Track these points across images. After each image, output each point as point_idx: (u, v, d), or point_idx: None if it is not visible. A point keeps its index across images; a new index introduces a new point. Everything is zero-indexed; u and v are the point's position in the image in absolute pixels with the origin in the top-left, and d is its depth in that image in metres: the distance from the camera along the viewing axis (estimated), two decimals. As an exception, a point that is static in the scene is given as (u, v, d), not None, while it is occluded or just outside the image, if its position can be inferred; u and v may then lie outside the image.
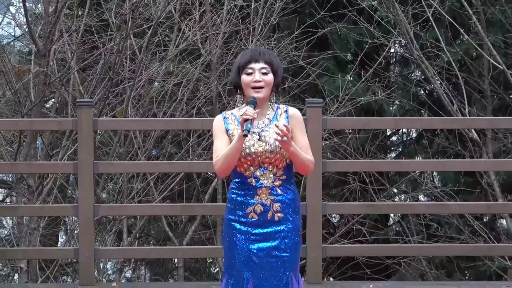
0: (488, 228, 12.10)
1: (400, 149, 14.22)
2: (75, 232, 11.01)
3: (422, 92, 13.78)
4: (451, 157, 12.72)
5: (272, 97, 5.15)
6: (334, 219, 13.66)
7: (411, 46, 11.77)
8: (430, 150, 12.95)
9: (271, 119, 5.10)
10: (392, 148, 14.45)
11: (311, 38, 12.13)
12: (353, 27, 12.46)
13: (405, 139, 14.27)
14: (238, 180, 5.09)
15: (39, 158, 11.04)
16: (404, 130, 14.08)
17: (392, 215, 13.81)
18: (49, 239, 12.40)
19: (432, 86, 12.31)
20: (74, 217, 10.80)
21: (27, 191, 10.53)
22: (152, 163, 10.20)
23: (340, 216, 13.25)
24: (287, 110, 5.13)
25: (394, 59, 14.14)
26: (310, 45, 12.13)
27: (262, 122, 5.09)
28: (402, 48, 13.37)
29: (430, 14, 11.72)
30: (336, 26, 12.39)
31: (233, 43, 11.80)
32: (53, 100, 12.37)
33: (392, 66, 14.12)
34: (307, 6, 12.61)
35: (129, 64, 11.32)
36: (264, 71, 5.06)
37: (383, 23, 12.02)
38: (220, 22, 11.67)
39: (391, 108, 13.30)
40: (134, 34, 11.60)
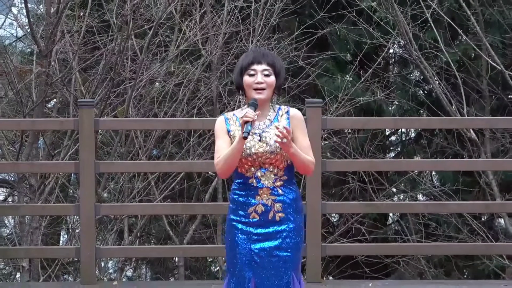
0: (486, 227, 12.09)
1: (399, 149, 14.18)
2: (77, 231, 10.99)
3: (421, 92, 13.77)
4: (449, 156, 12.70)
5: (273, 98, 5.17)
6: (333, 218, 13.64)
7: (410, 46, 11.76)
8: (429, 150, 12.94)
9: (272, 120, 5.10)
10: (391, 148, 14.42)
11: (311, 39, 12.14)
12: (352, 27, 12.44)
13: (404, 139, 14.22)
14: (240, 180, 5.10)
15: (41, 158, 10.99)
16: (403, 130, 14.02)
17: (391, 214, 13.77)
18: (50, 238, 12.37)
19: (431, 86, 12.30)
20: (75, 216, 10.75)
21: (29, 190, 10.53)
22: (153, 163, 10.20)
23: (339, 215, 13.21)
24: (288, 111, 5.13)
25: (393, 60, 14.11)
26: (309, 45, 12.13)
27: (263, 123, 5.09)
28: (401, 49, 13.35)
29: (429, 15, 11.70)
30: (336, 27, 12.38)
31: (233, 43, 11.81)
32: (54, 100, 12.33)
33: (391, 67, 14.08)
34: (307, 7, 12.62)
35: (130, 65, 11.33)
36: (266, 72, 5.07)
37: (382, 24, 12.00)
38: (221, 22, 11.69)
39: (390, 108, 13.26)
40: (135, 35, 11.62)
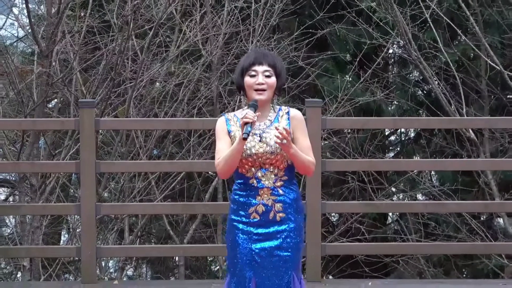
0: (485, 227, 12.11)
1: (399, 148, 14.18)
2: (77, 230, 10.98)
3: (420, 92, 13.77)
4: (448, 156, 12.72)
5: (274, 99, 5.19)
6: (333, 217, 13.65)
7: (409, 47, 11.78)
8: (428, 150, 12.93)
9: (272, 120, 5.12)
10: (391, 148, 14.42)
11: (311, 39, 12.15)
12: (352, 28, 12.44)
13: (403, 139, 14.20)
14: (240, 181, 5.12)
15: (41, 158, 10.98)
16: (403, 130, 14.00)
17: (390, 214, 13.77)
18: (51, 238, 12.38)
19: (430, 86, 12.31)
20: (76, 216, 10.73)
21: (30, 190, 10.53)
22: (154, 163, 10.23)
23: (339, 215, 13.21)
24: (288, 112, 5.15)
25: (393, 60, 14.11)
26: (309, 46, 12.14)
27: (264, 123, 5.11)
28: (400, 49, 13.35)
29: (428, 15, 11.72)
30: (335, 27, 12.39)
31: (233, 44, 11.83)
32: (55, 100, 12.32)
33: (390, 67, 14.08)
34: (307, 8, 12.63)
35: (130, 65, 11.34)
36: (267, 74, 5.08)
37: (381, 24, 12.01)
38: (221, 23, 11.71)
39: (389, 108, 13.25)
40: (135, 35, 11.63)
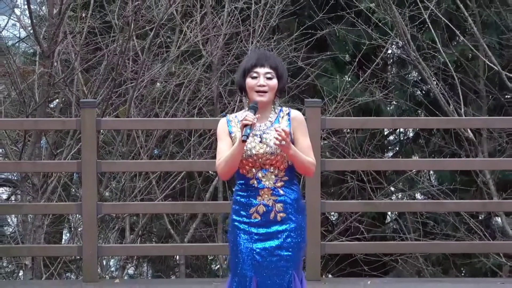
0: (483, 226, 12.11)
1: (397, 148, 14.17)
2: (79, 229, 11.03)
3: (419, 92, 13.75)
4: (447, 156, 12.72)
5: (275, 100, 5.22)
6: (332, 217, 13.66)
7: (408, 47, 11.81)
8: (427, 150, 12.93)
9: (273, 121, 5.16)
10: (390, 148, 14.40)
11: (310, 40, 12.20)
12: (351, 28, 12.46)
13: (402, 139, 14.18)
14: (241, 181, 5.16)
15: (43, 157, 11.03)
16: (401, 130, 13.97)
17: (389, 213, 13.75)
18: (53, 237, 12.40)
19: (429, 86, 12.34)
20: (77, 215, 10.77)
21: (31, 189, 10.56)
22: (154, 162, 10.27)
23: (338, 214, 13.21)
24: (289, 113, 5.19)
25: (392, 60, 14.12)
26: (309, 46, 12.18)
27: (264, 124, 5.15)
28: (399, 50, 13.36)
29: (426, 16, 11.74)
30: (335, 28, 12.42)
31: (233, 44, 11.85)
32: (57, 100, 12.32)
33: (389, 67, 14.07)
34: (306, 8, 12.65)
35: (131, 65, 11.36)
36: (268, 76, 5.13)
37: (380, 25, 12.03)
38: (221, 24, 11.74)
39: (388, 108, 13.24)
40: (136, 36, 11.66)
